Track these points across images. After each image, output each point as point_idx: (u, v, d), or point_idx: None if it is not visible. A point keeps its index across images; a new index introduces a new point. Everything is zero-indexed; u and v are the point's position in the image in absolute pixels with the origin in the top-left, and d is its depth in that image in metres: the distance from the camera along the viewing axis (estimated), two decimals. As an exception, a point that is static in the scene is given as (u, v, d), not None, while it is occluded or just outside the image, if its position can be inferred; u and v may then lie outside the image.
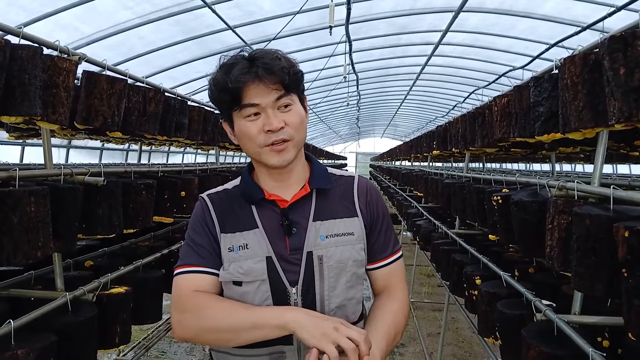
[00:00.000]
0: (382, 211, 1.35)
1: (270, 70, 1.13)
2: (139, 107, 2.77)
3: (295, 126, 1.19)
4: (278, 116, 1.16)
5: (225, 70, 1.15)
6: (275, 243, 1.22)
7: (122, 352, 4.67)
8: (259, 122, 1.16)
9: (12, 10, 4.96)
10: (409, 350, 5.24)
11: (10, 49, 1.81)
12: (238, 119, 1.19)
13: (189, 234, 1.28)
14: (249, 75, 1.13)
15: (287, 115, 1.18)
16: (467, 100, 12.68)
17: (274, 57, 1.16)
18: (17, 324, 1.81)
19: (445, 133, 4.74)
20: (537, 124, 2.15)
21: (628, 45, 1.48)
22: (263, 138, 1.17)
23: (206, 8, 5.88)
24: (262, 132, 1.16)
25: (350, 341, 1.01)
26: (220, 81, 1.16)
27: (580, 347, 1.69)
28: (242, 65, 1.14)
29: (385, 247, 1.34)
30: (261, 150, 1.19)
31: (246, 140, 1.20)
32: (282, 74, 1.14)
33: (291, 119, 1.18)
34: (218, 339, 1.18)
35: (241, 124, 1.18)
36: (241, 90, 1.14)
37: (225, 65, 1.17)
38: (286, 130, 1.17)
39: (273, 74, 1.13)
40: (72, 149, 8.29)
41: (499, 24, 7.71)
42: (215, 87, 1.19)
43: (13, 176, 1.89)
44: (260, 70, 1.12)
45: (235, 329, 1.12)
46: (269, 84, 1.14)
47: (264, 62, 1.13)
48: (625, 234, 1.34)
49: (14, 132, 3.07)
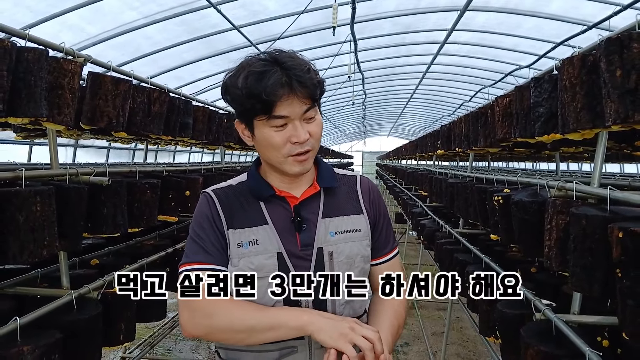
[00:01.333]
0: (383, 209, 1.39)
1: (304, 84, 1.14)
2: (144, 108, 2.80)
3: (317, 137, 1.23)
4: (305, 127, 1.19)
5: (257, 77, 1.13)
6: (286, 239, 1.24)
7: (127, 349, 4.72)
8: (285, 132, 1.17)
9: (19, 11, 5.01)
10: (413, 350, 5.25)
11: (17, 51, 1.84)
12: (262, 126, 1.18)
13: (195, 228, 1.27)
14: (284, 88, 1.12)
15: (311, 126, 1.20)
16: (474, 99, 12.64)
17: (306, 70, 1.16)
18: (23, 322, 1.84)
19: (449, 132, 4.74)
20: (537, 124, 2.16)
21: (624, 47, 1.49)
22: (288, 149, 1.18)
23: (211, 8, 5.91)
24: (288, 143, 1.18)
25: (367, 340, 1.05)
26: (251, 88, 1.13)
27: (578, 346, 1.70)
28: (277, 77, 1.12)
29: (386, 244, 1.37)
30: (285, 160, 1.20)
31: (269, 148, 1.20)
32: (314, 88, 1.17)
33: (315, 129, 1.21)
34: (231, 338, 1.19)
35: (265, 132, 1.18)
36: (275, 102, 1.13)
37: (255, 72, 1.14)
38: (310, 141, 1.20)
39: (306, 88, 1.15)
40: (79, 148, 8.35)
41: (505, 23, 7.68)
42: (242, 92, 1.15)
43: (19, 176, 1.93)
44: (294, 83, 1.13)
45: (251, 329, 1.14)
46: (302, 97, 1.15)
47: (298, 76, 1.14)
48: (620, 235, 1.36)
49: (21, 132, 3.11)
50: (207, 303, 1.17)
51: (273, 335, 1.14)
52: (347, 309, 1.26)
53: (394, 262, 1.38)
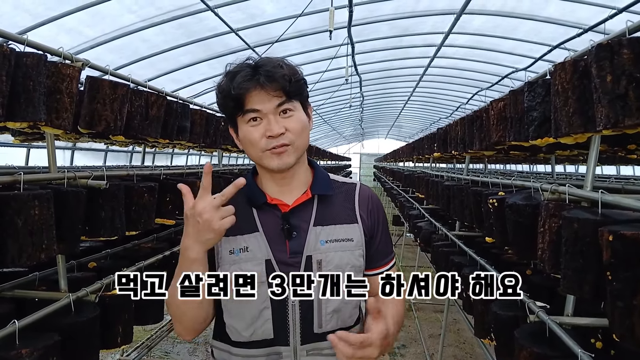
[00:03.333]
0: (382, 219, 1.39)
1: (271, 77, 1.17)
2: (141, 111, 2.81)
3: (296, 132, 1.22)
4: (279, 122, 1.20)
5: (230, 77, 1.20)
6: (275, 247, 1.25)
7: (125, 352, 4.73)
8: (260, 127, 1.20)
9: (18, 14, 5.02)
10: (410, 351, 5.27)
11: (15, 56, 1.86)
12: (241, 124, 1.23)
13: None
14: (251, 82, 1.17)
15: (287, 121, 1.21)
16: (471, 102, 12.68)
17: (276, 65, 1.20)
18: (22, 324, 1.86)
19: (445, 135, 4.77)
20: (531, 128, 2.18)
21: (614, 53, 1.51)
22: (264, 143, 1.20)
23: (209, 11, 5.93)
24: (264, 137, 1.20)
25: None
26: (224, 88, 1.21)
27: (570, 348, 1.72)
28: (245, 73, 1.18)
29: (385, 255, 1.38)
30: (262, 155, 1.22)
31: (249, 144, 1.23)
32: (284, 81, 1.19)
33: (292, 124, 1.22)
34: (194, 325, 1.26)
35: (244, 129, 1.23)
36: (244, 96, 1.18)
37: (230, 72, 1.22)
38: (287, 135, 1.21)
39: (274, 81, 1.17)
40: (77, 151, 8.35)
41: (502, 26, 7.72)
42: (220, 93, 1.23)
43: (18, 180, 1.95)
44: (262, 77, 1.16)
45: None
46: (270, 90, 1.18)
47: (266, 70, 1.18)
48: (610, 238, 1.38)
49: (19, 136, 3.12)
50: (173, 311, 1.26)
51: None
52: (334, 320, 1.25)
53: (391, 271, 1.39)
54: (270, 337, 1.23)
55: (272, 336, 1.23)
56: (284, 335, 1.23)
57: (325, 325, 1.24)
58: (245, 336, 1.24)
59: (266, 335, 1.23)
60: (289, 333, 1.23)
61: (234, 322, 1.25)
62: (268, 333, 1.23)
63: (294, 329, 1.23)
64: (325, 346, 1.25)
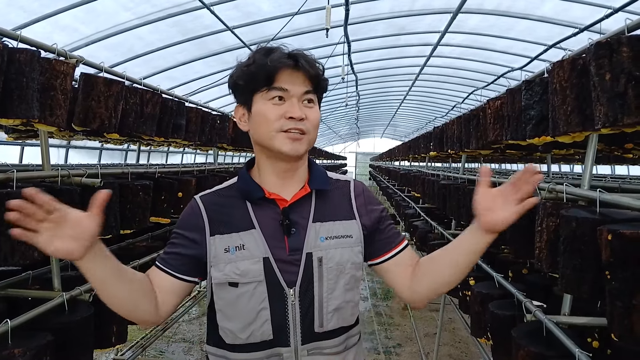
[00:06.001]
0: (379, 207, 1.37)
1: (309, 63, 1.19)
2: (136, 109, 2.80)
3: (313, 123, 1.22)
4: (302, 108, 1.20)
5: (265, 52, 1.20)
6: (273, 243, 1.21)
7: (120, 351, 4.70)
8: (281, 107, 1.18)
9: (12, 11, 4.98)
10: (406, 350, 5.26)
11: (8, 52, 1.84)
12: (260, 100, 1.20)
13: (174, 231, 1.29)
14: (290, 60, 1.17)
15: (308, 110, 1.21)
16: (466, 101, 12.69)
17: (310, 57, 1.22)
18: (14, 324, 1.84)
19: (441, 134, 4.77)
20: (529, 127, 2.18)
21: (613, 51, 1.51)
22: (281, 123, 1.18)
23: (205, 9, 5.89)
24: (282, 118, 1.18)
25: None
26: (257, 60, 1.19)
27: (568, 347, 1.71)
28: (283, 52, 1.20)
29: (397, 235, 1.35)
30: (276, 135, 1.18)
31: (262, 121, 1.20)
32: (318, 70, 1.22)
33: (312, 115, 1.22)
34: (128, 305, 1.20)
35: (262, 106, 1.20)
36: (278, 71, 1.18)
37: (263, 49, 1.22)
38: (305, 123, 1.20)
39: (312, 67, 1.20)
40: (71, 149, 8.30)
41: (498, 25, 7.72)
42: (249, 65, 1.21)
43: (11, 178, 1.92)
44: (301, 60, 1.18)
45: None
46: (305, 74, 1.19)
47: (305, 56, 1.20)
48: (609, 237, 1.37)
49: (13, 133, 3.10)
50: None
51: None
52: (336, 318, 1.23)
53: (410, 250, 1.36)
54: (269, 339, 1.20)
55: (272, 337, 1.19)
56: (284, 336, 1.20)
57: (327, 324, 1.22)
58: (242, 338, 1.20)
59: (265, 336, 1.19)
60: (289, 333, 1.20)
61: (229, 324, 1.21)
62: (267, 334, 1.19)
63: (294, 329, 1.20)
64: (327, 345, 1.23)
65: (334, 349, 1.24)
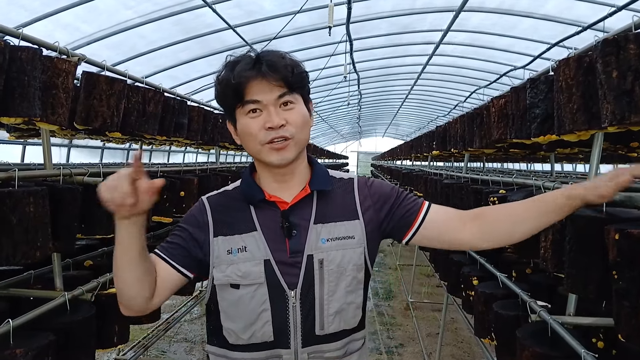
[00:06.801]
0: (388, 187, 1.33)
1: (273, 67, 1.14)
2: (138, 108, 2.79)
3: (297, 125, 1.18)
4: (280, 114, 1.16)
5: (230, 67, 1.17)
6: (274, 246, 1.21)
7: (121, 351, 4.69)
8: (260, 119, 1.16)
9: (12, 9, 4.98)
10: (408, 350, 5.25)
11: (10, 50, 1.83)
12: (240, 116, 1.19)
13: (178, 225, 1.29)
14: (252, 71, 1.13)
15: (288, 113, 1.17)
16: (469, 100, 12.67)
17: (278, 56, 1.17)
18: (16, 323, 1.83)
19: (444, 133, 4.75)
20: (534, 125, 2.16)
21: (620, 48, 1.49)
22: (263, 135, 1.16)
23: (207, 7, 5.88)
24: (263, 129, 1.15)
25: None
26: (224, 78, 1.17)
27: (573, 348, 1.70)
28: (245, 62, 1.15)
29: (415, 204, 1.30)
30: (261, 148, 1.17)
31: (247, 137, 1.19)
32: (286, 71, 1.15)
33: (292, 117, 1.17)
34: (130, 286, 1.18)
35: (243, 121, 1.18)
36: (244, 86, 1.14)
37: (230, 62, 1.18)
38: (287, 128, 1.16)
39: (276, 71, 1.14)
40: (73, 148, 8.31)
41: (500, 24, 7.70)
42: (219, 84, 1.20)
43: (12, 177, 1.91)
44: (263, 67, 1.13)
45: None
46: (272, 80, 1.14)
47: (268, 60, 1.14)
48: (616, 237, 1.36)
49: (15, 132, 3.09)
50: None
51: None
52: (337, 321, 1.22)
53: (436, 207, 1.32)
54: (270, 340, 1.19)
55: (272, 338, 1.19)
56: (284, 338, 1.20)
57: (328, 326, 1.21)
58: (243, 339, 1.20)
59: (266, 337, 1.19)
60: (290, 335, 1.19)
61: (232, 325, 1.21)
62: (268, 335, 1.19)
63: (294, 331, 1.19)
64: (327, 349, 1.22)
65: (334, 353, 1.23)
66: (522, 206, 1.26)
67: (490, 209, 1.31)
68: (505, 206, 1.31)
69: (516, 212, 1.26)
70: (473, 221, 1.27)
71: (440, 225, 1.28)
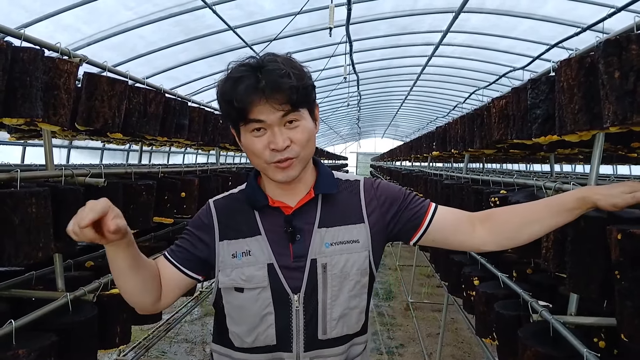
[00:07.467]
0: (395, 189, 1.32)
1: (277, 89, 1.09)
2: (140, 109, 2.79)
3: (302, 143, 1.16)
4: (284, 133, 1.13)
5: (233, 83, 1.11)
6: (278, 250, 1.21)
7: (122, 352, 4.69)
8: (264, 138, 1.14)
9: (13, 10, 4.98)
10: (408, 351, 5.25)
11: (12, 51, 1.83)
12: (244, 132, 1.16)
13: (186, 228, 1.31)
14: (255, 94, 1.09)
15: (293, 132, 1.14)
16: (468, 101, 12.68)
17: (282, 74, 1.09)
18: (18, 324, 1.83)
19: (444, 134, 4.75)
20: (534, 126, 2.16)
21: (623, 49, 1.49)
22: (268, 155, 1.14)
23: (207, 9, 5.89)
24: (268, 149, 1.14)
25: None
26: (227, 94, 1.12)
27: (575, 347, 1.70)
28: (249, 82, 1.09)
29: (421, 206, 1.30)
30: (267, 167, 1.16)
31: (252, 155, 1.18)
32: (290, 92, 1.10)
33: (297, 136, 1.15)
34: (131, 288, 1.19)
35: (247, 138, 1.16)
36: (248, 106, 1.10)
37: (232, 77, 1.12)
38: (292, 148, 1.14)
39: (280, 92, 1.09)
40: (73, 149, 8.31)
41: (500, 25, 7.71)
42: (222, 98, 1.15)
43: (14, 177, 1.92)
44: (267, 89, 1.08)
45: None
46: (275, 103, 1.10)
47: (272, 81, 1.08)
48: (618, 237, 1.36)
49: (16, 133, 3.09)
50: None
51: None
52: (340, 326, 1.22)
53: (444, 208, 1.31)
54: (272, 343, 1.20)
55: (275, 342, 1.20)
56: (287, 342, 1.20)
57: (330, 331, 1.21)
58: (247, 342, 1.21)
59: (269, 341, 1.20)
60: (292, 339, 1.20)
61: (236, 328, 1.22)
62: (271, 339, 1.20)
63: (297, 335, 1.20)
64: (329, 353, 1.22)
65: (336, 358, 1.23)
66: (532, 208, 1.26)
67: (500, 211, 1.30)
68: (515, 208, 1.30)
69: (526, 214, 1.25)
70: (482, 223, 1.27)
71: (448, 227, 1.28)
